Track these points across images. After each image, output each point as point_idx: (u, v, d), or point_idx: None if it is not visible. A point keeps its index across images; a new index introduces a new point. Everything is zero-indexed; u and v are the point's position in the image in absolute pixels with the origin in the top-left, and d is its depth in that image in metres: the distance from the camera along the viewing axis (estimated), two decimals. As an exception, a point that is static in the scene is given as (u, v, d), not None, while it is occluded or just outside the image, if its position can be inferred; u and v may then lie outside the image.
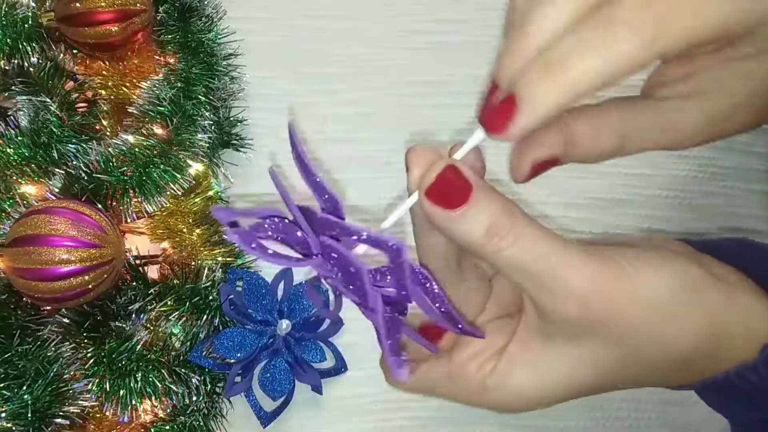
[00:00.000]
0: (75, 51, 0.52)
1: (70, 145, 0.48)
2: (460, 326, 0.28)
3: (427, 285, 0.29)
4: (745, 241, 0.32)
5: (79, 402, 0.43)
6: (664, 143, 0.29)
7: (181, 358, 0.46)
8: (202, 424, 0.45)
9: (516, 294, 0.31)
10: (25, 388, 0.42)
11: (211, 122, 0.51)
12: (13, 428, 0.41)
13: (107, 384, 0.44)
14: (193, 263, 0.48)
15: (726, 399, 0.29)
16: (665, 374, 0.28)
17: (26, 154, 0.47)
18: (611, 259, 0.26)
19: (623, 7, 0.23)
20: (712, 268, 0.28)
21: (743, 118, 0.28)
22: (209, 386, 0.46)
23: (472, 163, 0.30)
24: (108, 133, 0.50)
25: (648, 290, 0.26)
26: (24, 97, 0.48)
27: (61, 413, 0.42)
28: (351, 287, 0.28)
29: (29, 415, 0.41)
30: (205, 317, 0.46)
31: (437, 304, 0.29)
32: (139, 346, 0.45)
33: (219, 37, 0.55)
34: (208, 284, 0.47)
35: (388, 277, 0.29)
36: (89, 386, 0.44)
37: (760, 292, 0.28)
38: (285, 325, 0.47)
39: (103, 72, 0.52)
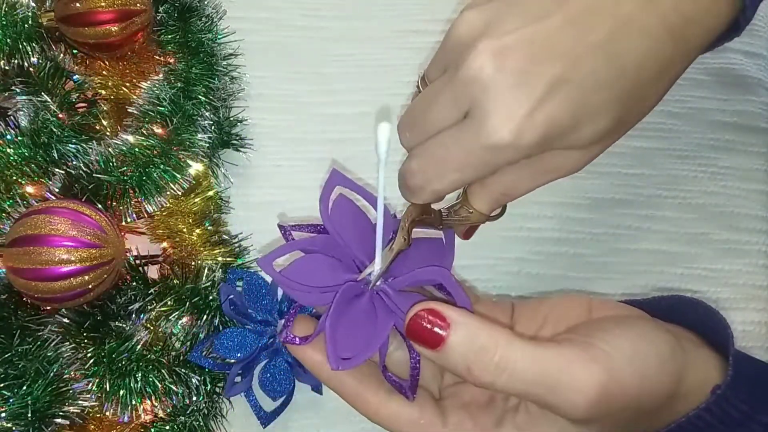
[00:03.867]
0: (75, 51, 0.52)
1: (70, 145, 0.48)
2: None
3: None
4: (683, 298, 0.36)
5: (79, 402, 0.43)
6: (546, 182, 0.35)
7: (181, 358, 0.46)
8: (202, 424, 0.45)
9: None
10: (25, 388, 0.42)
11: (211, 122, 0.51)
12: (13, 428, 0.41)
13: (107, 384, 0.44)
14: (193, 263, 0.48)
15: None
16: (636, 425, 0.31)
17: (26, 154, 0.47)
18: (596, 348, 0.29)
19: None
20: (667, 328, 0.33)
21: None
22: (209, 386, 0.46)
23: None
24: (108, 133, 0.50)
25: (633, 367, 0.29)
26: (24, 97, 0.48)
27: (61, 413, 0.42)
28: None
29: (29, 415, 0.41)
30: (205, 317, 0.46)
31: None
32: (139, 346, 0.45)
33: (219, 37, 0.55)
34: (208, 284, 0.47)
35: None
36: (89, 386, 0.44)
37: (704, 345, 0.33)
38: (285, 325, 0.47)
39: (103, 72, 0.52)
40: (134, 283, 0.47)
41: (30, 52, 0.50)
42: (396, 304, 0.32)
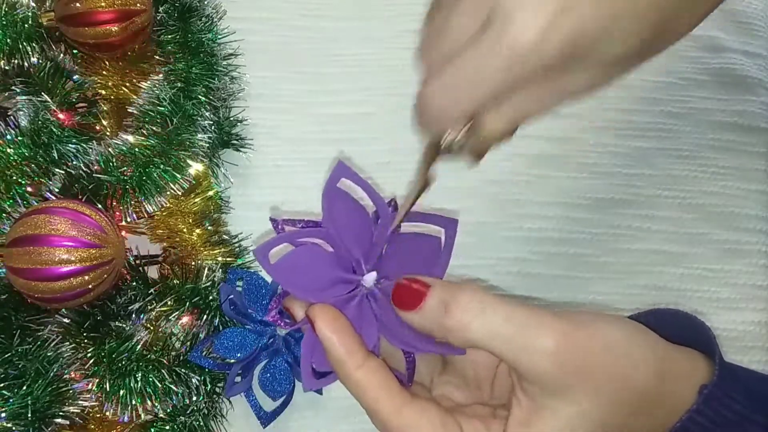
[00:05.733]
0: (75, 51, 0.52)
1: (70, 145, 0.48)
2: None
3: None
4: (658, 311, 0.36)
5: (79, 402, 0.43)
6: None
7: (181, 358, 0.46)
8: (202, 424, 0.45)
9: (485, 379, 0.35)
10: (25, 388, 0.42)
11: (211, 122, 0.51)
12: (13, 428, 0.41)
13: (107, 384, 0.44)
14: (193, 263, 0.48)
15: None
16: (638, 419, 0.31)
17: (26, 154, 0.47)
18: (568, 315, 0.30)
19: None
20: None
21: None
22: (209, 386, 0.46)
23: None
24: (108, 133, 0.50)
25: (604, 336, 0.30)
26: (24, 97, 0.48)
27: (61, 413, 0.42)
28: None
29: (29, 415, 0.41)
30: (205, 317, 0.46)
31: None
32: (139, 346, 0.45)
33: (219, 37, 0.55)
34: (208, 284, 0.47)
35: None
36: (89, 386, 0.44)
37: (688, 349, 0.33)
38: (285, 325, 0.47)
39: (103, 72, 0.52)
40: (134, 283, 0.47)
41: (30, 52, 0.50)
42: (384, 313, 0.32)
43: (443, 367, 0.36)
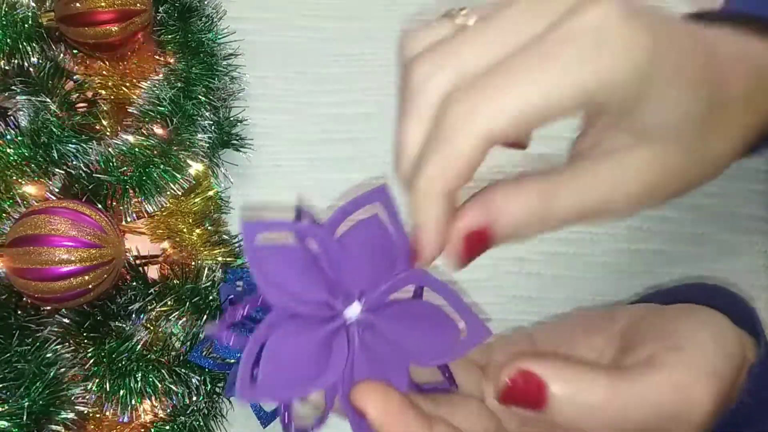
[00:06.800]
0: (75, 51, 0.52)
1: (70, 145, 0.48)
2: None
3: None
4: (700, 285, 0.36)
5: (77, 408, 0.43)
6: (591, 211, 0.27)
7: (181, 358, 0.46)
8: (202, 424, 0.45)
9: None
10: (22, 389, 0.41)
11: (211, 122, 0.51)
12: (12, 430, 0.41)
13: (107, 384, 0.44)
14: (193, 263, 0.48)
15: None
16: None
17: (26, 154, 0.47)
18: (688, 353, 0.28)
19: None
20: None
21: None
22: (209, 386, 0.46)
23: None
24: (108, 133, 0.50)
25: (723, 353, 0.29)
26: (24, 97, 0.48)
27: (58, 417, 0.42)
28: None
29: (25, 417, 0.41)
30: (205, 317, 0.46)
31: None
32: (139, 346, 0.45)
33: (219, 37, 0.55)
34: (208, 284, 0.47)
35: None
36: (89, 386, 0.44)
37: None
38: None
39: (103, 72, 0.52)
40: (134, 283, 0.47)
41: (30, 52, 0.50)
42: (388, 335, 0.28)
43: None
